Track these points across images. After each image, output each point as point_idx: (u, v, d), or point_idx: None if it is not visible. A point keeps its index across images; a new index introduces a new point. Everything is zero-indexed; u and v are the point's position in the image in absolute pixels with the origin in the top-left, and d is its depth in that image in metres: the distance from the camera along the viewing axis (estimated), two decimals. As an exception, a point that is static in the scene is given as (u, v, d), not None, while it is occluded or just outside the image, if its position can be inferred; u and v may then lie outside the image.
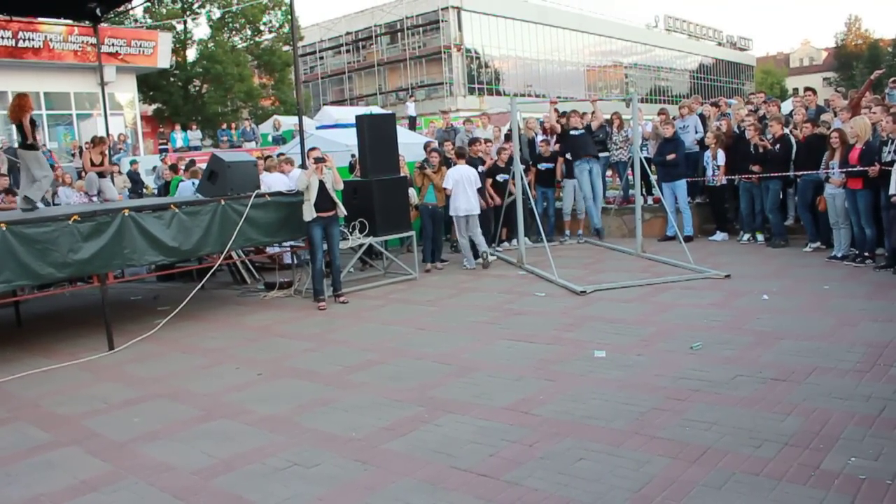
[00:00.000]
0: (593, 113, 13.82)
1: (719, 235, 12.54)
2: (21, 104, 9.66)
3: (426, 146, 12.61)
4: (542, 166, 13.29)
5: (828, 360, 5.85)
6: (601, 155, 14.09)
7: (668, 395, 5.31)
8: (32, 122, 9.70)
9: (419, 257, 11.45)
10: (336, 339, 7.88)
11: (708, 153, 12.36)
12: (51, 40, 25.65)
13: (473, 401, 5.53)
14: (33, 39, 25.23)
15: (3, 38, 24.38)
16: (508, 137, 13.09)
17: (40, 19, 22.24)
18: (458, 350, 7.01)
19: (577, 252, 12.36)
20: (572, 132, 12.87)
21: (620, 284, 9.36)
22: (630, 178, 13.21)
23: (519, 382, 5.89)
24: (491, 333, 7.56)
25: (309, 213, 9.45)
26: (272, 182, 11.08)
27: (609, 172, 14.94)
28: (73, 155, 22.14)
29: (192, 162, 15.46)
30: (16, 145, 9.27)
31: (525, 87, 49.31)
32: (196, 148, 26.00)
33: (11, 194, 13.72)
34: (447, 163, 12.00)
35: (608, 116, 14.46)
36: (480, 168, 12.04)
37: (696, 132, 13.17)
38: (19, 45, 24.88)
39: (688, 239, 11.88)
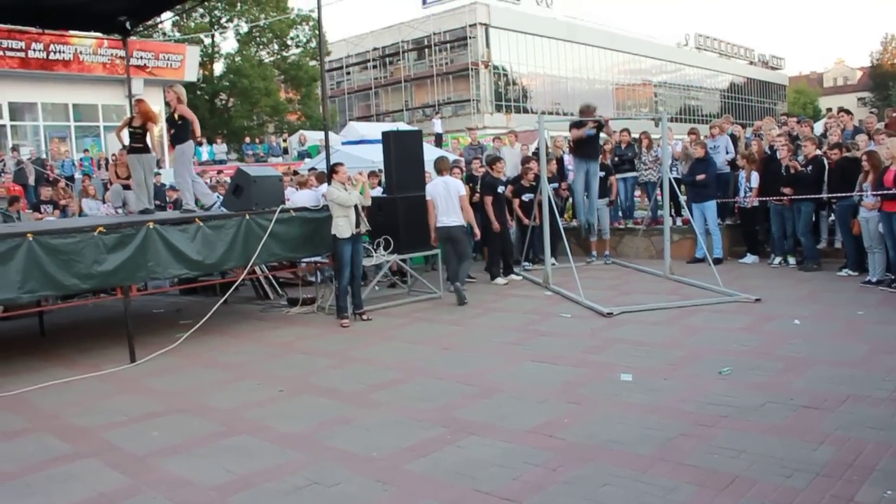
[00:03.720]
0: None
1: (749, 258, 12.42)
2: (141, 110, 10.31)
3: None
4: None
5: (862, 388, 5.74)
6: (629, 175, 14.07)
7: (695, 421, 5.25)
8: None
9: (444, 275, 11.41)
10: (358, 357, 7.88)
11: (742, 174, 12.27)
12: (81, 53, 26.14)
13: (497, 423, 5.49)
14: (64, 52, 25.73)
15: (35, 50, 24.90)
16: (536, 155, 13.07)
17: (71, 32, 22.63)
18: (481, 371, 6.98)
19: (603, 273, 12.27)
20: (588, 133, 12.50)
21: (648, 307, 9.28)
22: (659, 198, 13.15)
23: (543, 405, 5.85)
24: (516, 354, 7.53)
25: (347, 229, 9.48)
26: (301, 199, 11.06)
27: (638, 192, 14.88)
28: (100, 167, 22.43)
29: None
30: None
31: (553, 104, 49.34)
32: (221, 161, 26.28)
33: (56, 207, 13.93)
34: (471, 180, 12.02)
35: (637, 135, 14.44)
36: (501, 188, 12.04)
37: (727, 152, 13.09)
38: (50, 57, 25.40)
39: (717, 261, 11.77)
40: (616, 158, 14.00)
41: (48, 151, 25.19)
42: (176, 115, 10.07)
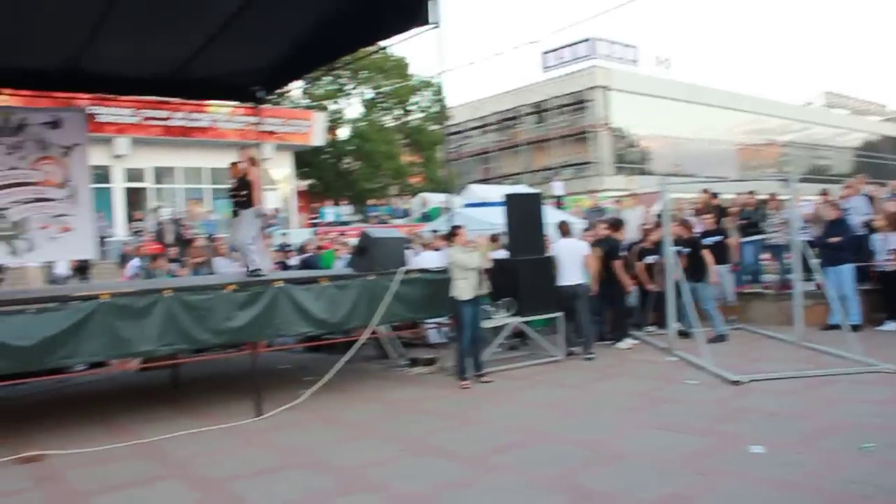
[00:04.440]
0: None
1: (890, 325, 11.72)
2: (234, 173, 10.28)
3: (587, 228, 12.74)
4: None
5: None
6: (755, 238, 13.60)
7: (834, 501, 4.93)
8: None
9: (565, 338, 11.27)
10: (478, 419, 7.84)
11: (880, 235, 11.67)
12: (216, 120, 27.84)
13: (619, 491, 5.32)
14: (201, 119, 27.55)
15: (176, 118, 26.70)
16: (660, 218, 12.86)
17: (209, 102, 24.12)
18: (604, 436, 6.82)
19: (730, 339, 11.80)
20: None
21: (779, 375, 8.86)
22: (788, 261, 12.67)
23: (669, 475, 5.63)
24: (639, 421, 7.32)
25: (467, 291, 9.55)
26: (427, 261, 11.24)
27: (767, 256, 14.36)
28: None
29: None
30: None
31: (674, 166, 48.52)
32: (346, 223, 27.04)
33: (179, 264, 14.65)
34: (601, 243, 11.92)
35: (764, 197, 14.03)
36: (624, 251, 11.97)
37: (863, 213, 12.51)
38: (190, 124, 27.24)
39: (855, 328, 11.16)
40: (743, 221, 13.61)
41: (185, 212, 26.64)
42: (248, 178, 10.06)
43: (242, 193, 10.05)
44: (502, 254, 11.66)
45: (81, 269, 17.28)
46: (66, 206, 11.84)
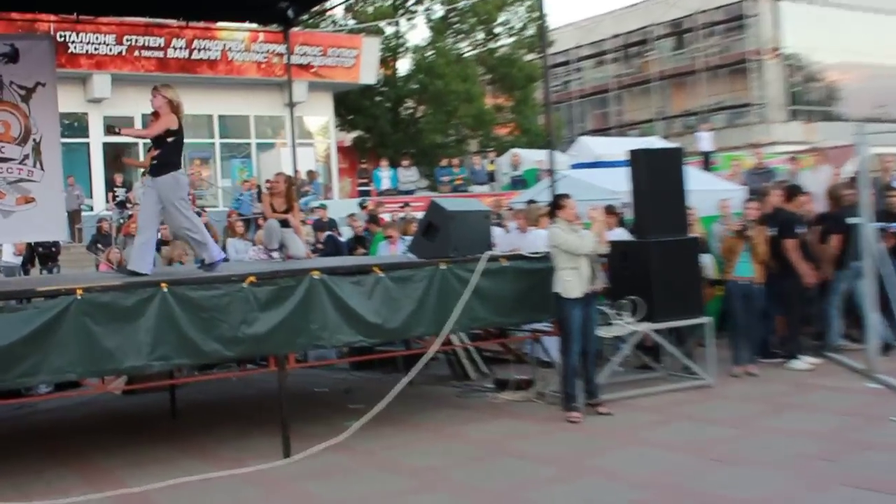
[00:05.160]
0: None
1: None
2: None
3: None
4: None
5: None
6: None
7: None
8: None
9: (718, 354, 11.16)
10: (593, 467, 7.82)
11: None
12: (230, 50, 27.89)
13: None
14: (210, 49, 27.60)
15: (175, 48, 26.86)
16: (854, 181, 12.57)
17: (220, 25, 24.29)
18: (772, 495, 6.73)
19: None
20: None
21: None
22: None
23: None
24: (823, 475, 7.20)
25: (577, 287, 9.53)
26: (530, 243, 11.28)
27: None
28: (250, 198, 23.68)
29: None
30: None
31: (876, 108, 47.32)
32: (409, 191, 27.00)
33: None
34: (769, 219, 11.70)
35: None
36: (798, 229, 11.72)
37: None
38: (193, 56, 27.32)
39: None
40: None
41: (188, 176, 26.98)
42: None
43: (155, 154, 9.33)
44: (622, 234, 11.58)
45: (46, 256, 17.68)
46: (26, 168, 12.02)
